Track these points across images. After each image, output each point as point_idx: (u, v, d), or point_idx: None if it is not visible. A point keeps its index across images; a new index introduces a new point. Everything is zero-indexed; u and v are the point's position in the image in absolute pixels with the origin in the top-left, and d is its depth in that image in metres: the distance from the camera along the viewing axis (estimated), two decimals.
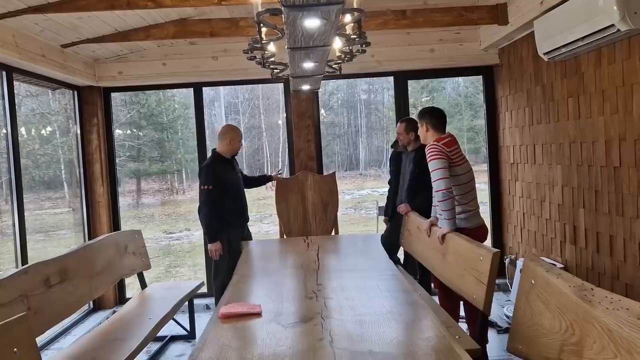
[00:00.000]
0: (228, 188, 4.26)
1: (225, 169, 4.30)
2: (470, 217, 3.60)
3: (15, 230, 4.20)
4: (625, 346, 1.67)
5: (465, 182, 3.59)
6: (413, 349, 2.03)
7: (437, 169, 3.45)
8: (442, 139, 3.61)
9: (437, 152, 3.49)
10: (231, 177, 4.31)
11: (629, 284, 3.36)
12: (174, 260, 11.07)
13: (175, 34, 4.58)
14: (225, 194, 4.23)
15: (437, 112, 3.80)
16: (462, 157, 3.62)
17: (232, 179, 4.31)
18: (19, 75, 4.35)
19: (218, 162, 4.31)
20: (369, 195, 18.22)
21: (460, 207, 3.57)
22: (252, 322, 2.34)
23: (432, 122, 3.71)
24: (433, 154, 3.50)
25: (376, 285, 2.86)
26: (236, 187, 4.34)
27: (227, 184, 4.26)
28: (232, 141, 4.34)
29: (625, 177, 3.33)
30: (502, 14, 4.42)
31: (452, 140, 3.61)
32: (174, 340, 4.54)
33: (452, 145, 3.57)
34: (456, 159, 3.55)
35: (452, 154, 3.54)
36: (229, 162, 4.37)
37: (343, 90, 22.96)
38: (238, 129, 4.46)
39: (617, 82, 3.35)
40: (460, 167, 3.56)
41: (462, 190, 3.58)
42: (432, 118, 3.73)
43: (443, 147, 3.52)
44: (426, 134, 3.74)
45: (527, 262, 2.45)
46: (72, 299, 3.21)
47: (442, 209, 3.46)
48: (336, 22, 2.05)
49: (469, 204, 3.60)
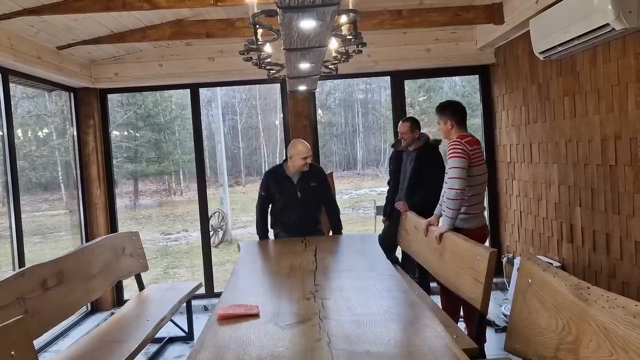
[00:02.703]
0: (277, 200, 4.30)
1: (278, 181, 4.26)
2: (470, 219, 3.58)
3: (12, 232, 4.19)
4: (621, 344, 1.68)
5: (477, 184, 3.57)
6: (411, 349, 2.03)
7: (457, 167, 3.43)
8: (464, 136, 3.56)
9: (460, 150, 3.46)
10: (283, 192, 4.24)
11: (626, 282, 3.37)
12: (171, 262, 11.06)
13: (172, 35, 4.58)
14: (274, 204, 4.34)
15: (458, 107, 3.71)
16: (481, 158, 3.58)
17: (284, 193, 4.24)
18: (14, 77, 4.34)
19: (276, 173, 4.31)
20: (366, 194, 18.23)
21: (464, 208, 3.55)
22: (249, 323, 2.34)
23: (455, 118, 3.64)
24: (456, 152, 3.45)
25: (374, 285, 2.86)
26: (288, 202, 4.23)
27: (275, 196, 4.29)
28: (293, 158, 4.19)
29: (621, 175, 3.34)
30: (497, 14, 4.43)
31: (474, 140, 3.57)
32: (172, 341, 4.54)
33: (474, 144, 3.53)
34: (475, 159, 3.52)
35: (473, 153, 3.50)
36: (287, 178, 4.23)
37: (340, 90, 22.98)
38: (300, 146, 4.18)
39: (613, 81, 3.36)
40: (477, 167, 3.53)
41: (472, 192, 3.55)
42: (454, 114, 3.65)
43: (466, 146, 3.48)
44: (450, 130, 3.66)
45: (523, 261, 2.46)
46: (70, 301, 3.20)
47: (449, 207, 3.45)
48: (332, 23, 2.06)
49: (473, 206, 3.58)
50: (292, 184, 4.23)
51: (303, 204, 4.24)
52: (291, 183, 4.23)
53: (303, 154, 4.16)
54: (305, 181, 4.23)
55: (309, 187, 4.23)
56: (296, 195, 4.21)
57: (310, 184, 4.23)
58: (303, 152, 4.16)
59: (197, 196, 5.66)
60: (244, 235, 13.65)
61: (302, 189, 4.22)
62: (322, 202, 4.40)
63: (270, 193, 4.32)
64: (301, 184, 4.23)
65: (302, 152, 4.16)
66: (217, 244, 12.45)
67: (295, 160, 4.17)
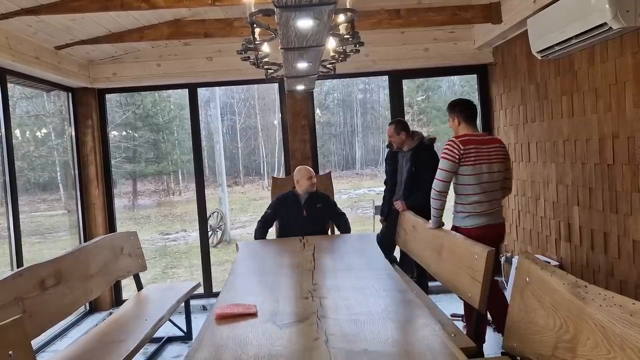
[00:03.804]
0: (283, 217, 4.61)
1: (287, 203, 4.58)
2: (467, 218, 3.59)
3: (10, 232, 4.19)
4: (618, 342, 1.68)
5: (468, 184, 3.55)
6: (408, 347, 2.04)
7: (440, 169, 3.54)
8: (463, 135, 3.59)
9: (448, 151, 3.51)
10: (290, 211, 4.55)
11: (623, 281, 3.37)
12: (170, 262, 11.06)
13: (170, 34, 4.58)
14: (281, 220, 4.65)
15: (467, 105, 3.72)
16: (474, 159, 3.52)
17: (291, 212, 4.54)
18: (12, 78, 4.33)
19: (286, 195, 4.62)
20: (365, 194, 18.24)
21: (460, 206, 3.61)
22: (247, 323, 2.34)
23: (463, 115, 3.67)
24: (444, 153, 3.54)
25: (372, 284, 2.86)
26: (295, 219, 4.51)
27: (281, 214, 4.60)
28: (299, 182, 4.56)
29: (618, 174, 3.35)
30: (495, 13, 4.43)
31: (470, 140, 3.55)
32: (171, 341, 4.53)
33: (468, 144, 3.52)
34: (466, 159, 3.50)
35: (465, 152, 3.50)
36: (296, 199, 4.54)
37: (339, 89, 22.98)
38: (302, 170, 4.59)
39: (610, 80, 3.37)
40: (467, 167, 3.52)
41: (463, 191, 3.58)
42: (462, 111, 3.68)
43: (458, 146, 3.50)
44: (458, 127, 3.69)
45: (521, 259, 2.46)
46: (68, 301, 3.20)
47: (431, 206, 3.62)
48: (329, 22, 2.06)
49: (468, 205, 3.58)
50: (299, 204, 4.55)
51: (308, 221, 4.51)
52: (298, 203, 4.55)
53: (307, 175, 4.54)
54: (311, 202, 4.55)
55: (315, 208, 4.56)
56: (302, 213, 4.52)
57: (316, 205, 4.56)
58: (307, 173, 4.56)
59: (196, 196, 5.66)
60: (243, 235, 13.65)
61: (308, 209, 4.53)
62: (329, 218, 4.72)
63: (276, 211, 4.63)
64: (308, 204, 4.54)
65: (306, 174, 4.55)
66: (215, 244, 12.45)
67: (302, 183, 4.54)
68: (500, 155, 3.63)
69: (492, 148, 3.60)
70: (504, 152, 3.68)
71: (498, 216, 3.69)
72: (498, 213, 3.69)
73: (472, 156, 3.53)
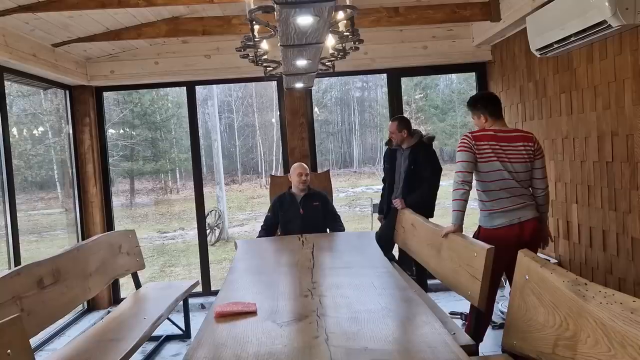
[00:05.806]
0: (282, 216, 4.61)
1: (284, 202, 4.62)
2: (490, 218, 3.36)
3: (7, 231, 4.17)
4: (618, 340, 1.68)
5: (487, 181, 3.33)
6: (408, 345, 2.03)
7: (458, 161, 3.33)
8: (478, 130, 3.40)
9: (463, 144, 3.33)
10: (288, 209, 4.58)
11: (622, 278, 3.38)
12: (168, 260, 11.05)
13: (168, 32, 4.56)
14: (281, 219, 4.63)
15: (489, 99, 3.49)
16: (489, 155, 3.30)
17: (288, 210, 4.58)
18: (9, 75, 4.31)
19: (283, 195, 4.65)
20: (363, 192, 18.25)
21: (482, 205, 3.39)
22: (247, 321, 2.33)
23: (488, 111, 3.42)
24: (459, 145, 3.36)
25: (371, 282, 2.86)
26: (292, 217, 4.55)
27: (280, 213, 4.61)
28: (292, 178, 4.63)
29: (617, 172, 3.35)
30: (494, 11, 4.43)
31: (485, 136, 3.33)
32: (169, 339, 4.52)
33: (481, 140, 3.31)
34: (481, 155, 3.30)
35: (479, 148, 3.30)
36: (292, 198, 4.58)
37: (337, 87, 22.97)
38: (294, 167, 4.64)
39: (609, 78, 3.37)
40: (482, 164, 3.31)
41: (483, 187, 3.36)
42: (486, 107, 3.43)
43: (469, 137, 3.32)
44: (484, 124, 3.42)
45: (521, 257, 2.46)
46: (66, 299, 3.19)
47: (452, 197, 3.34)
48: (329, 19, 2.05)
49: (487, 203, 3.36)
50: (296, 202, 4.59)
51: (305, 219, 4.53)
52: (295, 202, 4.60)
53: (297, 171, 4.57)
54: (308, 200, 4.59)
55: (312, 206, 4.60)
56: (299, 211, 4.56)
57: (313, 204, 4.60)
58: (297, 169, 4.59)
59: (194, 194, 5.65)
60: (241, 233, 13.65)
61: (305, 207, 4.57)
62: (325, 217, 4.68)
63: (275, 212, 4.65)
64: (304, 202, 4.58)
65: (296, 169, 4.59)
66: (213, 242, 12.45)
67: (294, 179, 4.59)
68: (523, 156, 3.30)
69: (512, 147, 3.30)
70: (529, 152, 3.31)
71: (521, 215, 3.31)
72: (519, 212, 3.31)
73: (485, 153, 3.30)
